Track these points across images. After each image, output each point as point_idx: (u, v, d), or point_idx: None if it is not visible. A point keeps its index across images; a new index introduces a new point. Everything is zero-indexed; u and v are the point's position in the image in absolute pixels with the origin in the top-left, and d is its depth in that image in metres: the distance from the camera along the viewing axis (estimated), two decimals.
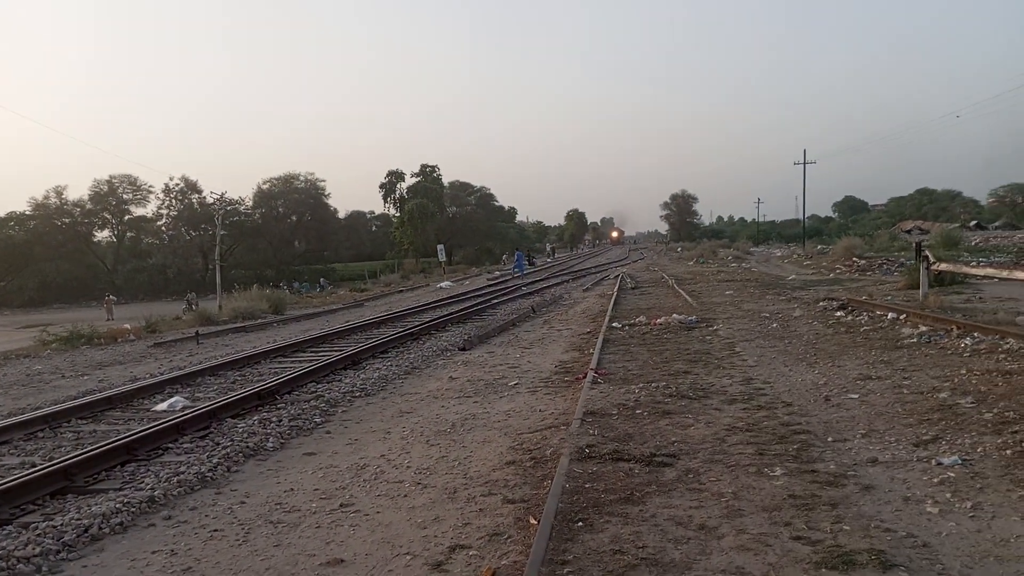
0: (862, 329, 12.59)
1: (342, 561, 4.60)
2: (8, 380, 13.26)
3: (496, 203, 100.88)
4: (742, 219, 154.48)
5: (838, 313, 14.63)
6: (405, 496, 5.77)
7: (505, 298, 25.89)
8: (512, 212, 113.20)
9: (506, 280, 39.27)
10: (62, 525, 5.22)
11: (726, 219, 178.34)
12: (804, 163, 64.56)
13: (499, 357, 12.82)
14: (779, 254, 56.54)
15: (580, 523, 4.83)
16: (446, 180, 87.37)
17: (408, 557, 4.60)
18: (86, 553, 4.93)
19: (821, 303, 16.66)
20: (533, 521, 4.92)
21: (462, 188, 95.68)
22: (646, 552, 4.36)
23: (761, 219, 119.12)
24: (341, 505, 5.64)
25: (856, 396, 7.96)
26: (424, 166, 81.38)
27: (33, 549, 4.79)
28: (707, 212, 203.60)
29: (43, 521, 5.37)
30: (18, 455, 7.52)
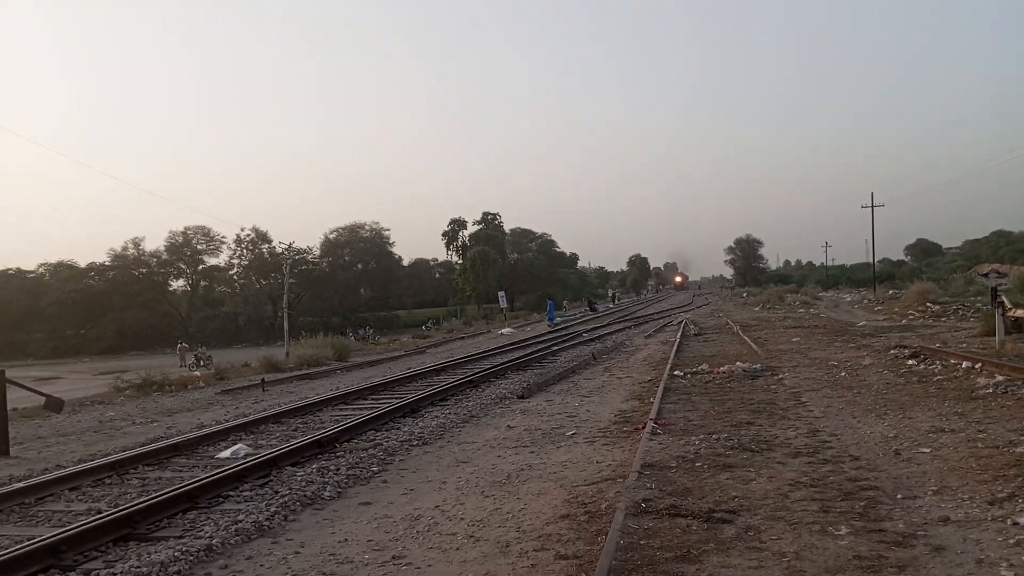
0: (935, 379, 12.11)
1: None
2: (82, 426, 13.74)
3: (557, 249, 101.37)
4: (810, 263, 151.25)
5: (910, 362, 14.11)
6: (457, 549, 5.72)
7: (565, 345, 25.78)
8: (574, 258, 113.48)
9: (568, 326, 39.17)
10: (121, 573, 5.32)
11: (793, 263, 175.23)
12: (872, 206, 63.08)
13: (557, 406, 12.72)
14: (849, 299, 55.08)
15: None
16: (507, 227, 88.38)
17: None
18: None
19: (892, 351, 16.10)
20: None
21: (523, 235, 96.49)
22: None
23: (830, 263, 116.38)
24: (393, 557, 5.62)
25: (928, 450, 7.62)
26: (486, 214, 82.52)
27: None
28: (773, 256, 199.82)
29: (104, 568, 5.48)
30: (85, 501, 7.74)
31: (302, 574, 5.39)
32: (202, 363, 37.70)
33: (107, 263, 77.07)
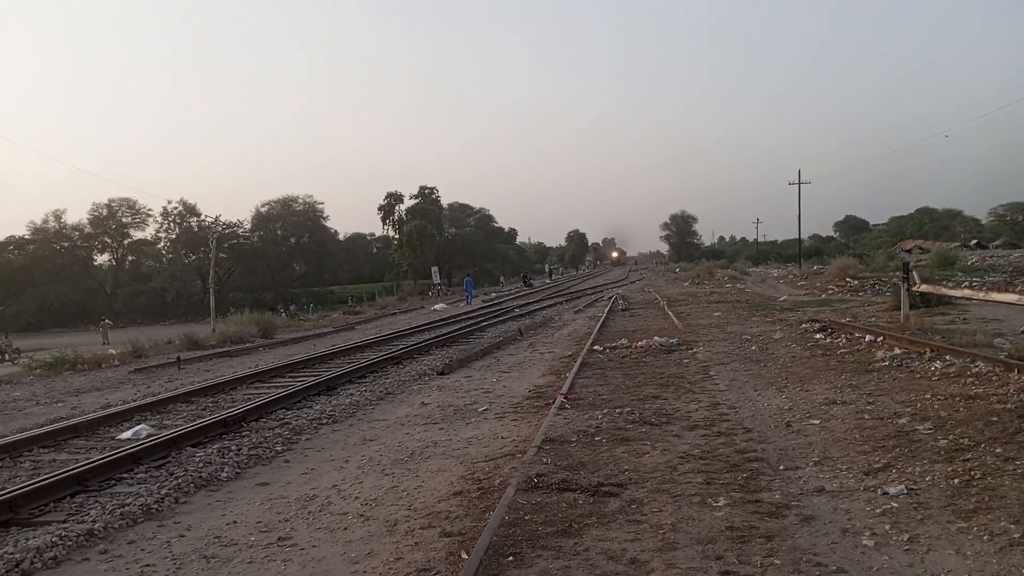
0: (838, 352, 12.52)
1: None
2: None
3: (496, 224, 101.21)
4: (744, 239, 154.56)
5: (818, 335, 14.55)
6: (345, 529, 5.69)
7: (495, 320, 25.84)
8: (512, 233, 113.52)
9: (501, 302, 39.24)
10: None
11: (728, 239, 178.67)
12: (799, 183, 64.46)
13: (476, 382, 12.74)
14: (775, 274, 56.42)
15: (511, 557, 4.75)
16: (445, 202, 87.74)
17: None
18: None
19: (803, 325, 16.58)
20: (464, 556, 4.84)
21: (461, 210, 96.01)
22: None
23: (762, 239, 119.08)
24: (279, 539, 5.56)
25: (818, 422, 7.88)
26: (423, 188, 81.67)
27: None
28: (708, 232, 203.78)
29: None
30: None
31: (182, 557, 5.29)
32: (6, 357, 31.18)
33: (27, 236, 73.92)
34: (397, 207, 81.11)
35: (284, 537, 5.59)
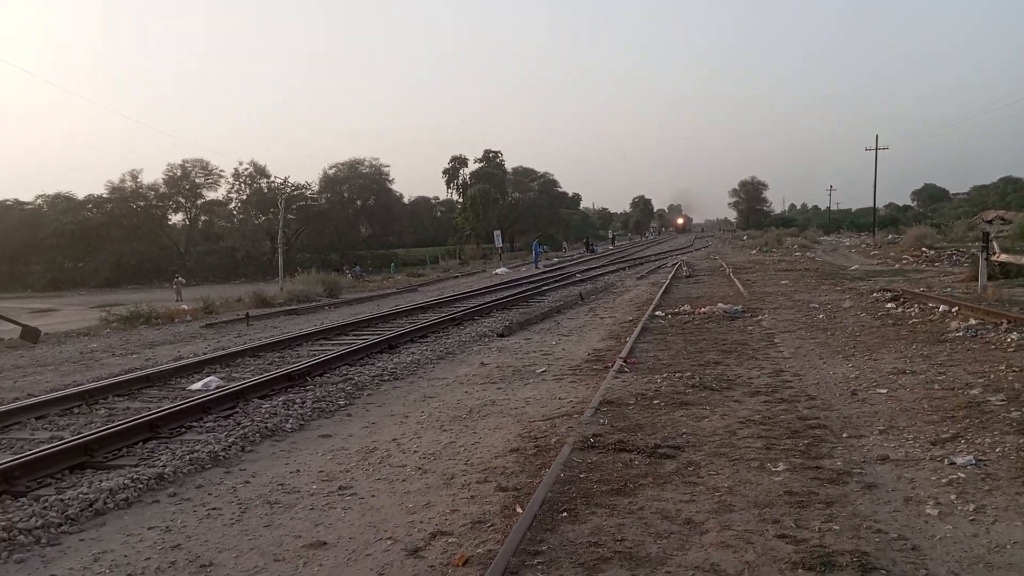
0: (910, 322, 12.12)
1: (324, 544, 4.65)
2: (62, 357, 13.83)
3: (559, 189, 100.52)
4: (816, 207, 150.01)
5: (889, 305, 14.11)
6: (403, 481, 5.80)
7: (556, 285, 25.80)
8: (576, 199, 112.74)
9: (563, 267, 39.16)
10: (69, 499, 5.41)
11: (799, 207, 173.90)
12: (876, 149, 62.23)
13: (535, 344, 12.77)
14: (847, 243, 54.89)
15: (565, 513, 4.77)
16: (509, 166, 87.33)
17: (389, 542, 4.62)
18: (87, 527, 5.10)
19: (875, 294, 16.09)
20: (519, 510, 4.89)
21: (525, 174, 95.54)
22: (623, 545, 4.29)
23: (835, 207, 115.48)
24: (340, 488, 5.70)
25: (885, 391, 7.67)
26: (487, 152, 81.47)
27: (36, 521, 4.98)
28: (779, 200, 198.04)
29: (54, 495, 5.57)
30: (50, 430, 7.84)
31: (248, 502, 5.48)
32: None
33: (105, 195, 76.48)
34: (461, 171, 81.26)
35: (344, 486, 5.73)
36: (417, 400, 8.86)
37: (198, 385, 9.93)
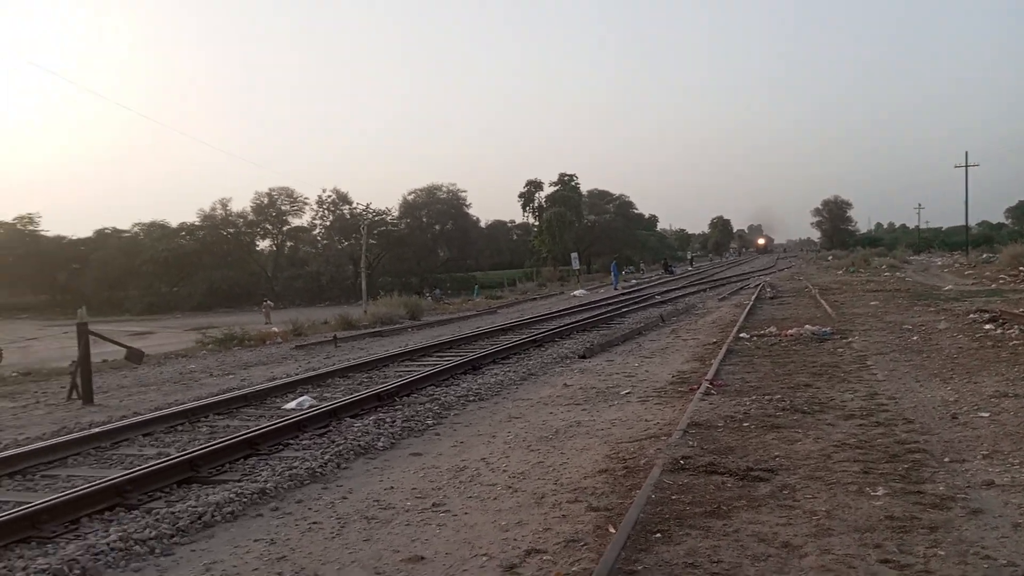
0: (1011, 343, 11.60)
1: (422, 558, 4.77)
2: (163, 377, 14.53)
3: (635, 211, 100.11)
4: (903, 226, 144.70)
5: (987, 326, 13.53)
6: (495, 499, 5.89)
7: (635, 307, 25.64)
8: (653, 220, 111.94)
9: (642, 289, 38.88)
10: (179, 512, 5.70)
11: (885, 226, 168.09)
12: (966, 165, 59.92)
13: (617, 366, 12.75)
14: (939, 263, 52.75)
15: (658, 534, 4.77)
16: (584, 188, 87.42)
17: (485, 558, 4.71)
18: (197, 538, 5.37)
19: (971, 315, 15.45)
20: (612, 530, 4.91)
21: (601, 196, 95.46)
22: (720, 567, 4.26)
23: (924, 226, 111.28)
24: (433, 505, 5.84)
25: (987, 415, 7.38)
26: (562, 175, 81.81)
27: (150, 532, 5.27)
28: (864, 219, 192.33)
29: (165, 507, 5.88)
30: (157, 446, 8.26)
31: (346, 517, 5.66)
32: None
33: (197, 223, 80.00)
34: (537, 194, 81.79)
35: (438, 503, 5.86)
36: (503, 420, 8.97)
37: (292, 404, 10.28)
